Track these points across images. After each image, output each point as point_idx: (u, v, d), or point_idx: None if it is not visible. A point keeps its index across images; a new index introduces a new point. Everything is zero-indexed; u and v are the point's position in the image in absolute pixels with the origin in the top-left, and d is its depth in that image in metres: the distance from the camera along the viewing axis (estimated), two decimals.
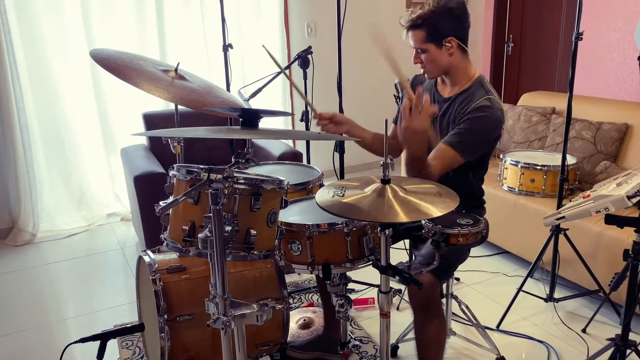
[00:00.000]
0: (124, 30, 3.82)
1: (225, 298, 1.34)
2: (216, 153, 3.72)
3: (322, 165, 2.64)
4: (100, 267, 3.34)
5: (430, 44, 1.89)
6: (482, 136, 1.89)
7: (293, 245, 1.73)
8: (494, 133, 1.90)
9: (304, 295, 2.89)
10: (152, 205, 2.48)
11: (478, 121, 1.86)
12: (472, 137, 1.87)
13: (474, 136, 1.88)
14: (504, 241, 3.24)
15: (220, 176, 1.25)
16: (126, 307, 2.86)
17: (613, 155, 3.04)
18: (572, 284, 2.85)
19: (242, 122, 1.35)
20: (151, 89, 1.76)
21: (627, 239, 2.46)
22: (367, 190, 1.50)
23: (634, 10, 3.74)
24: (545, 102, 3.59)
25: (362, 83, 4.92)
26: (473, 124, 1.86)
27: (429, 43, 1.89)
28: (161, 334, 1.79)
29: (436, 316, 1.86)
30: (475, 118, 1.86)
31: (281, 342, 2.04)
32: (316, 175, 2.30)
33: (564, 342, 2.44)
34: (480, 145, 1.91)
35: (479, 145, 1.91)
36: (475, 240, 1.66)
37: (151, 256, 1.95)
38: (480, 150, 1.92)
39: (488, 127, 1.88)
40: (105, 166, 3.99)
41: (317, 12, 4.56)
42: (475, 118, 1.86)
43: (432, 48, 1.90)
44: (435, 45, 1.89)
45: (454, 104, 1.96)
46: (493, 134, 1.91)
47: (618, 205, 1.49)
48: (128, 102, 3.92)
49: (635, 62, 3.77)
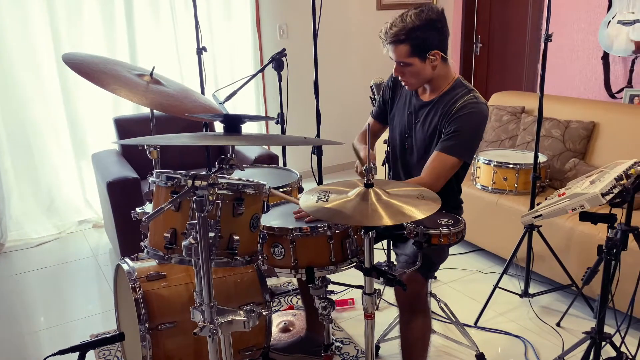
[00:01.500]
0: (92, 34, 3.74)
1: (211, 306, 1.32)
2: (190, 157, 3.68)
3: (298, 167, 2.64)
4: (73, 275, 3.27)
5: (414, 58, 1.87)
6: (475, 133, 1.90)
7: (276, 249, 1.72)
8: (483, 127, 1.92)
9: (284, 299, 2.88)
10: (127, 211, 2.44)
11: (468, 119, 1.87)
12: (467, 137, 1.88)
13: (468, 135, 1.88)
14: (478, 239, 3.30)
15: (205, 183, 1.24)
16: (100, 316, 2.80)
17: (581, 152, 3.13)
18: (546, 279, 2.92)
19: (225, 127, 1.34)
20: (128, 94, 1.73)
21: (597, 234, 2.53)
22: (350, 195, 1.50)
23: (596, 12, 3.86)
24: (514, 102, 3.67)
25: (336, 84, 4.94)
26: (464, 123, 1.87)
27: (413, 57, 1.87)
28: (143, 343, 1.76)
29: (422, 315, 1.88)
30: (464, 116, 1.87)
31: (264, 346, 2.03)
32: (295, 178, 2.30)
33: (540, 336, 2.50)
34: (476, 143, 1.93)
35: (474, 143, 1.92)
36: (455, 240, 1.69)
37: (130, 264, 1.92)
38: (475, 148, 1.94)
39: (478, 122, 1.89)
40: (76, 172, 3.90)
41: (289, 14, 4.56)
42: (464, 116, 1.87)
43: (416, 61, 1.88)
44: (420, 59, 1.87)
45: (436, 107, 1.97)
46: (483, 128, 1.92)
47: (593, 202, 1.54)
48: (98, 107, 3.84)
49: (599, 62, 3.89)
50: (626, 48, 3.57)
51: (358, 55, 5.02)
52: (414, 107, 2.06)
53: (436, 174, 1.87)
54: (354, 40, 4.96)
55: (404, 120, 2.10)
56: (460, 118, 1.87)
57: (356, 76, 5.04)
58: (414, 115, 2.05)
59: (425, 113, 2.00)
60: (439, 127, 1.94)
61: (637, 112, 3.06)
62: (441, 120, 1.93)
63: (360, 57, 5.03)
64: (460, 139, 1.87)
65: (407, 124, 2.08)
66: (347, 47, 4.96)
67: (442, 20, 1.87)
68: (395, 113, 2.16)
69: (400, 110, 2.13)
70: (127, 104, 3.95)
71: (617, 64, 3.83)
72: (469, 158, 1.91)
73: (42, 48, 3.60)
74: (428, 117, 1.99)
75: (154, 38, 3.96)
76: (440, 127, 1.94)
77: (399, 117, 2.14)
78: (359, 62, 5.04)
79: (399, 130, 2.14)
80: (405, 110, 2.10)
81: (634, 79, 3.71)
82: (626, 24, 3.55)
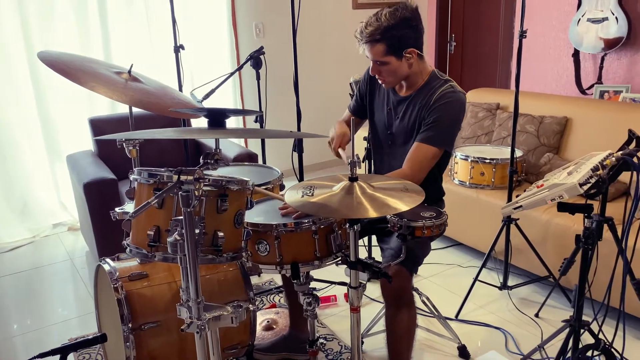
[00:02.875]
0: (65, 32, 3.67)
1: (198, 301, 1.31)
2: (168, 156, 3.64)
3: (278, 166, 2.63)
4: (48, 279, 3.20)
5: (390, 57, 1.88)
6: (454, 121, 1.93)
7: (260, 246, 1.72)
8: (462, 115, 1.95)
9: (266, 297, 2.87)
10: (104, 212, 2.41)
11: (446, 108, 1.89)
12: (446, 126, 1.90)
13: (447, 124, 1.90)
14: (457, 233, 3.34)
15: (190, 177, 1.23)
16: (77, 320, 2.75)
17: (555, 147, 3.21)
18: (524, 272, 2.98)
19: (210, 122, 1.33)
20: (107, 92, 1.70)
21: (573, 226, 2.59)
22: (335, 189, 1.51)
23: (566, 11, 3.96)
24: (489, 98, 3.73)
25: (314, 82, 4.95)
26: (442, 112, 1.89)
27: (389, 56, 1.88)
28: (126, 343, 1.74)
29: (407, 308, 1.90)
30: (442, 106, 1.89)
31: (249, 344, 2.03)
32: (276, 176, 2.29)
33: (519, 327, 2.55)
34: (455, 131, 1.95)
35: (454, 131, 1.95)
36: (438, 232, 1.71)
37: (111, 264, 1.89)
38: (455, 136, 1.96)
39: (457, 111, 1.92)
40: (50, 174, 3.82)
41: (265, 13, 4.55)
42: (442, 106, 1.89)
43: (393, 60, 1.89)
44: (396, 58, 1.89)
45: (414, 101, 1.99)
46: (462, 116, 1.95)
47: (571, 192, 1.58)
48: (72, 107, 3.77)
49: (570, 59, 3.98)
50: (595, 45, 3.67)
51: (335, 53, 5.03)
52: (392, 104, 2.08)
53: (418, 165, 1.89)
54: (330, 39, 4.98)
55: (383, 116, 2.12)
56: (439, 108, 1.89)
57: (334, 74, 5.06)
58: (394, 112, 2.07)
59: (404, 108, 2.03)
60: (418, 119, 1.97)
61: (608, 107, 3.15)
62: (420, 113, 1.96)
63: (337, 56, 5.05)
64: (440, 128, 1.89)
65: (387, 120, 2.10)
66: (324, 46, 4.97)
67: (417, 18, 1.88)
68: (374, 110, 2.18)
69: (379, 107, 2.15)
70: (103, 105, 3.89)
71: (588, 61, 3.93)
72: (449, 147, 1.94)
73: (13, 47, 3.52)
74: (407, 112, 2.01)
75: (129, 36, 3.91)
76: (419, 119, 1.96)
77: (379, 113, 2.15)
78: (337, 60, 5.06)
79: (379, 126, 2.16)
80: (384, 106, 2.12)
81: (603, 76, 3.81)
82: (595, 21, 3.64)
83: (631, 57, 3.65)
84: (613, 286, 1.91)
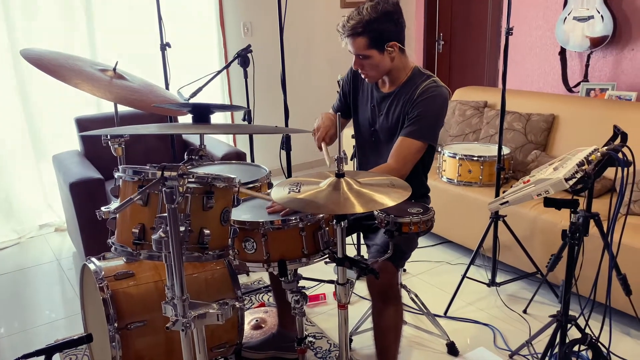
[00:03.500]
0: (50, 30, 3.63)
1: (184, 299, 1.30)
2: (154, 155, 3.61)
3: (267, 164, 2.62)
4: (35, 281, 3.16)
5: (372, 50, 1.89)
6: (437, 115, 1.94)
7: (247, 244, 1.70)
8: (445, 109, 1.97)
9: (255, 296, 2.86)
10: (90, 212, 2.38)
11: (429, 103, 1.90)
12: (430, 120, 1.91)
13: (431, 118, 1.92)
14: (445, 231, 3.35)
15: (174, 173, 1.22)
16: (64, 321, 2.72)
17: (542, 144, 3.22)
18: (512, 268, 2.99)
19: (194, 117, 1.32)
20: (92, 89, 1.69)
21: (560, 222, 2.61)
22: (322, 185, 1.50)
23: (553, 9, 3.98)
24: (477, 97, 3.74)
25: (303, 80, 4.95)
26: (426, 107, 1.90)
27: (371, 49, 1.89)
28: (112, 343, 1.72)
29: (394, 303, 1.90)
30: (426, 100, 1.90)
31: (237, 343, 2.02)
32: (264, 174, 2.28)
33: (507, 324, 2.56)
34: (439, 125, 1.96)
35: (438, 125, 1.96)
36: (425, 228, 1.71)
37: (96, 263, 1.87)
38: (439, 130, 1.97)
39: (440, 105, 1.93)
40: (36, 174, 3.78)
41: (253, 12, 4.53)
42: (425, 100, 1.91)
43: (375, 54, 1.90)
44: (378, 51, 1.90)
45: (397, 97, 2.00)
46: (445, 110, 1.97)
47: (557, 187, 1.58)
48: (58, 107, 3.73)
49: (556, 57, 4.01)
50: (582, 44, 3.69)
51: (323, 51, 5.03)
52: (376, 100, 2.08)
53: (402, 159, 1.90)
54: (318, 37, 4.98)
55: (367, 113, 2.12)
56: (422, 102, 1.91)
57: (322, 72, 5.06)
58: (377, 108, 2.08)
59: (388, 104, 2.03)
60: (402, 115, 1.98)
61: (594, 105, 3.17)
62: (404, 108, 1.97)
63: (325, 54, 5.05)
64: (424, 122, 1.91)
65: (371, 117, 2.11)
66: (312, 44, 4.97)
67: (398, 12, 1.90)
68: (358, 107, 2.18)
69: (363, 104, 2.15)
70: (90, 105, 3.85)
71: (574, 59, 3.96)
72: (433, 141, 1.95)
73: None
74: (391, 108, 2.02)
75: (115, 34, 3.87)
76: (403, 115, 1.97)
77: (363, 111, 2.16)
78: (324, 59, 5.06)
79: (364, 123, 2.16)
80: (368, 103, 2.12)
81: (589, 73, 3.84)
82: (581, 20, 3.67)
83: (616, 55, 3.68)
84: (599, 281, 1.92)
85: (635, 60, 3.57)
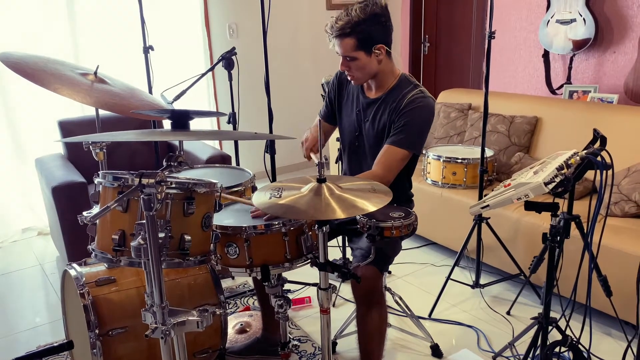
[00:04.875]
0: (30, 32, 3.59)
1: (163, 307, 1.29)
2: (138, 158, 3.59)
3: (252, 168, 2.62)
4: (17, 286, 3.12)
5: (360, 52, 1.90)
6: (423, 126, 1.95)
7: (230, 249, 1.70)
8: (432, 120, 1.98)
9: (239, 300, 2.85)
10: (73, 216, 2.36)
11: (416, 113, 1.92)
12: (416, 130, 1.93)
13: (417, 128, 1.93)
14: (430, 233, 3.36)
15: (152, 180, 1.21)
16: (48, 326, 2.69)
17: (526, 146, 3.25)
18: (496, 270, 3.01)
19: (173, 124, 1.31)
20: (71, 94, 1.67)
21: (542, 224, 2.63)
22: (303, 190, 1.50)
23: (536, 12, 4.02)
24: (461, 99, 3.77)
25: (287, 82, 4.94)
26: (413, 116, 1.91)
27: (358, 51, 1.89)
28: (93, 350, 1.70)
29: (378, 307, 1.90)
30: (413, 110, 1.92)
31: (220, 348, 2.01)
32: (248, 177, 2.28)
33: (491, 325, 2.57)
34: (425, 135, 1.98)
35: (423, 135, 1.97)
36: (407, 232, 1.71)
37: (77, 269, 1.86)
38: (424, 140, 1.99)
39: (426, 115, 1.95)
40: (18, 178, 3.73)
41: (238, 14, 4.52)
42: (412, 110, 1.92)
43: (362, 55, 1.91)
44: (365, 53, 1.90)
45: (384, 104, 2.00)
46: (431, 121, 1.98)
47: (537, 191, 1.60)
48: (40, 110, 3.69)
49: (540, 60, 4.04)
50: (565, 46, 3.73)
51: (308, 54, 5.03)
52: (361, 105, 2.08)
53: (388, 166, 1.91)
54: (304, 40, 4.97)
55: (352, 118, 2.13)
56: (410, 112, 1.92)
57: (307, 75, 5.06)
58: (363, 114, 2.08)
59: (374, 110, 2.03)
60: (388, 122, 1.98)
61: (577, 107, 3.21)
62: (390, 116, 1.97)
63: (311, 56, 5.05)
64: (410, 131, 1.91)
65: (357, 122, 2.11)
66: (298, 47, 4.96)
67: (386, 15, 1.91)
68: (343, 112, 2.18)
69: (348, 110, 2.15)
70: (73, 108, 3.81)
71: (557, 62, 4.00)
72: (418, 150, 1.96)
73: None
74: (377, 114, 2.02)
75: (98, 36, 3.84)
76: (389, 123, 1.97)
77: (347, 116, 2.16)
78: (310, 61, 5.06)
79: (348, 129, 2.16)
80: (353, 109, 2.12)
81: (572, 76, 3.88)
82: (564, 23, 3.70)
83: (598, 58, 3.73)
84: (580, 283, 1.94)
85: (617, 63, 3.62)
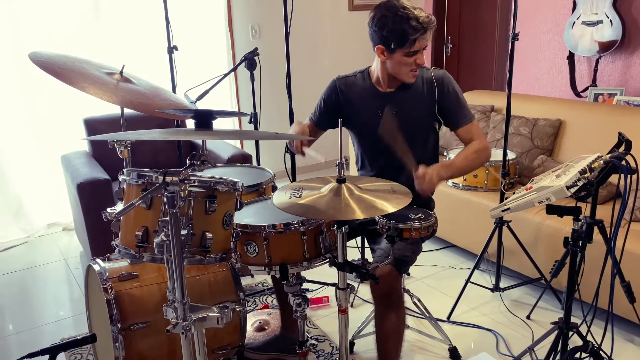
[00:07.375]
0: (57, 32, 3.67)
1: (184, 302, 1.32)
2: (162, 156, 3.65)
3: (272, 167, 2.64)
4: (42, 280, 3.20)
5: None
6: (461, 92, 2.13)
7: (249, 247, 1.72)
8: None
9: (259, 298, 2.88)
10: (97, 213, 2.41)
11: (453, 84, 2.08)
12: (463, 99, 2.11)
13: (462, 97, 2.11)
14: (450, 235, 3.35)
15: (176, 179, 1.23)
16: (71, 320, 2.75)
17: (549, 149, 3.21)
18: (516, 274, 2.98)
19: (196, 123, 1.33)
20: (98, 92, 1.71)
21: (564, 228, 2.60)
22: (323, 190, 1.52)
23: (561, 13, 3.97)
24: (484, 101, 3.74)
25: (309, 83, 4.95)
26: (455, 89, 2.07)
27: None
28: (115, 344, 1.74)
29: (396, 308, 1.90)
30: (449, 84, 2.06)
31: (239, 345, 2.03)
32: (268, 177, 2.30)
33: (511, 329, 2.55)
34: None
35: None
36: (427, 234, 1.71)
37: (101, 264, 1.90)
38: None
39: (453, 81, 2.11)
40: (44, 174, 3.82)
41: (261, 14, 4.55)
42: (449, 84, 2.06)
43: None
44: None
45: (412, 90, 2.06)
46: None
47: (558, 195, 1.58)
48: (66, 108, 3.77)
49: (565, 62, 3.99)
50: (590, 48, 3.68)
51: (330, 55, 5.04)
52: (381, 100, 2.06)
53: (483, 136, 2.10)
54: (326, 41, 4.99)
55: (370, 120, 2.08)
56: (449, 86, 2.07)
57: (328, 76, 5.01)
58: (390, 106, 2.04)
59: (401, 98, 2.06)
60: (428, 104, 2.06)
61: (602, 110, 3.16)
62: (428, 98, 2.06)
63: (333, 57, 5.06)
64: (463, 102, 2.09)
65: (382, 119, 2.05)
66: (320, 47, 4.98)
67: None
68: (359, 117, 2.13)
69: (364, 113, 2.11)
70: (98, 106, 3.88)
71: (582, 64, 3.94)
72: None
73: (2, 46, 3.51)
74: (406, 100, 2.06)
75: (124, 36, 3.91)
76: (431, 104, 2.06)
77: (365, 119, 2.11)
78: (331, 62, 5.07)
79: (371, 131, 2.09)
80: (373, 110, 2.08)
81: (598, 78, 3.82)
82: (590, 24, 3.65)
83: (625, 60, 3.66)
84: (602, 288, 1.92)
85: None
